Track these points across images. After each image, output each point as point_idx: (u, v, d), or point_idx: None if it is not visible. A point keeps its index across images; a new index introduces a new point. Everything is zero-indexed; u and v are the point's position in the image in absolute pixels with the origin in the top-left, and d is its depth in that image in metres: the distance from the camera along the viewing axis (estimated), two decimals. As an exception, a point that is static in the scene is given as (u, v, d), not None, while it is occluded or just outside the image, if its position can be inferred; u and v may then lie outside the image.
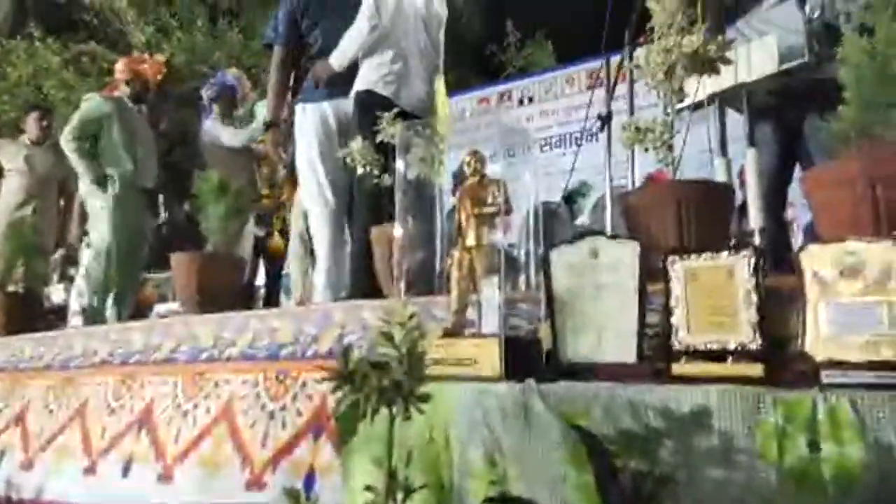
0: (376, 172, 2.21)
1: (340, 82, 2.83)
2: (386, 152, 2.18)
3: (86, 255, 4.24)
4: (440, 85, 3.06)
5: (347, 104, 2.83)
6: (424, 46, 2.89)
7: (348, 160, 2.26)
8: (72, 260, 5.06)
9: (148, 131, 4.10)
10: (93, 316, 3.76)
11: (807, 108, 2.65)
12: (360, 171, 2.20)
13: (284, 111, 3.13)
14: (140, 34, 10.21)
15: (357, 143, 2.22)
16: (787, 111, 2.69)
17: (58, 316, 4.40)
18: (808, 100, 2.60)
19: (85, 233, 4.29)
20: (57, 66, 9.73)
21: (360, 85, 2.75)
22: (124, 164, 3.79)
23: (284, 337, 2.25)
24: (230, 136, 4.12)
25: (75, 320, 4.10)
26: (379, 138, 2.22)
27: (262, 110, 4.36)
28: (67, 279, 4.95)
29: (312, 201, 2.85)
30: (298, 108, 2.94)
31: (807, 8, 2.13)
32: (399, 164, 1.81)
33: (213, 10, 11.56)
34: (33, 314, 3.28)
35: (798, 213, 3.98)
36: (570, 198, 4.46)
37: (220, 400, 2.06)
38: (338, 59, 2.79)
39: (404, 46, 2.77)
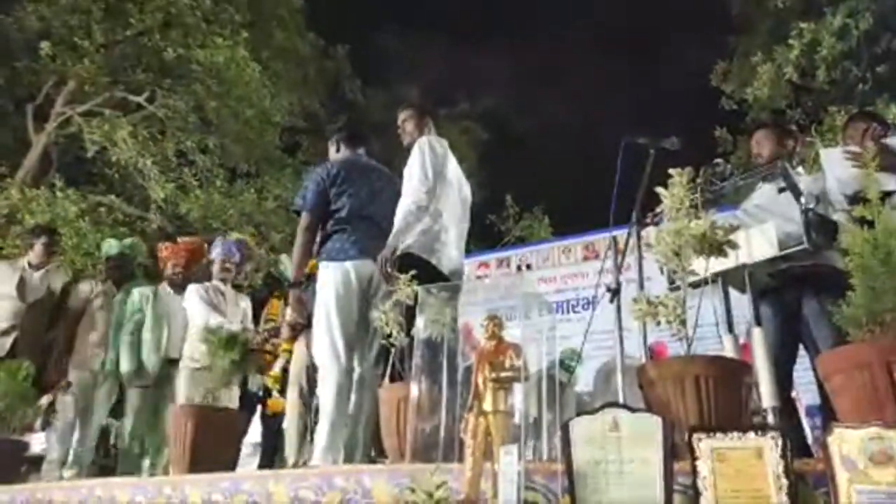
0: (395, 333, 2.23)
1: (370, 245, 2.96)
2: (403, 313, 2.22)
3: (63, 403, 4.13)
4: None
5: (370, 265, 2.92)
6: (459, 219, 3.11)
7: (377, 322, 2.29)
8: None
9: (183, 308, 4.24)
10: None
11: (803, 290, 2.75)
12: (387, 331, 2.22)
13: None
14: (160, 190, 10.73)
15: (388, 305, 2.27)
16: (786, 293, 2.79)
17: (34, 466, 4.17)
18: (805, 284, 2.71)
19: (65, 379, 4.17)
20: (73, 215, 10.09)
21: (401, 248, 2.81)
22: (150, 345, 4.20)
23: (280, 502, 2.13)
24: (199, 310, 4.11)
25: (49, 472, 3.90)
26: (394, 297, 2.27)
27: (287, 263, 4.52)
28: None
29: (324, 356, 2.83)
30: (322, 265, 3.02)
31: (802, 199, 2.30)
32: (418, 324, 1.83)
33: (232, 172, 12.31)
34: (14, 463, 3.12)
35: (799, 394, 3.95)
36: (563, 364, 4.42)
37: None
38: (400, 238, 2.83)
39: (445, 217, 2.97)
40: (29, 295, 4.24)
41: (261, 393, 4.04)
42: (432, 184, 2.92)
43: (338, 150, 3.42)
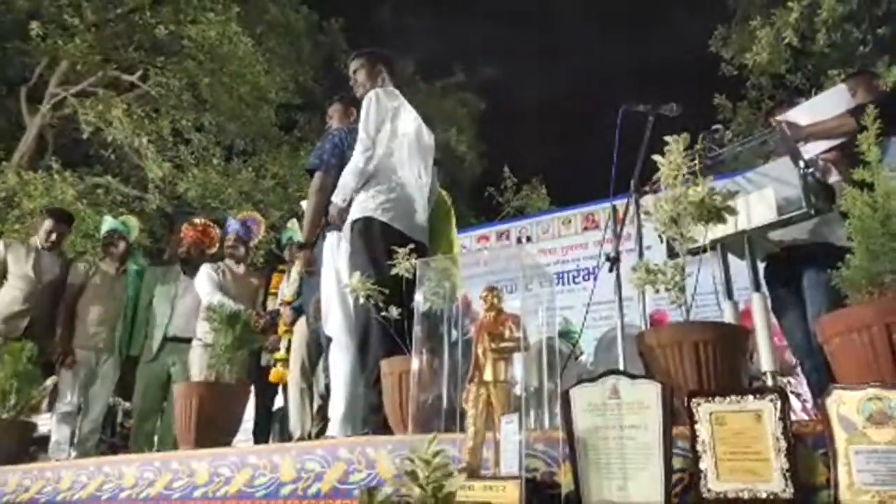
0: (380, 304, 2.23)
1: None
2: (401, 286, 2.21)
3: (65, 382, 4.16)
4: (451, 221, 3.19)
5: None
6: (419, 175, 3.00)
7: (348, 292, 2.28)
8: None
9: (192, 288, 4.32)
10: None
11: (803, 267, 2.73)
12: (361, 301, 2.22)
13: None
14: (157, 170, 10.66)
15: (356, 277, 2.27)
16: (788, 266, 2.77)
17: (40, 447, 4.22)
18: (804, 261, 2.69)
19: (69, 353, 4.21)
20: (72, 197, 10.04)
21: (356, 213, 2.78)
22: (154, 323, 4.37)
23: (286, 475, 2.16)
24: (205, 290, 4.17)
25: (58, 452, 3.95)
26: (394, 271, 2.26)
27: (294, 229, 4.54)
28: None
29: (339, 328, 2.79)
30: (333, 235, 2.95)
31: (801, 163, 2.28)
32: (417, 297, 1.83)
33: (229, 151, 12.24)
34: (22, 444, 3.15)
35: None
36: (567, 334, 4.43)
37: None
38: (340, 196, 2.85)
39: (401, 175, 2.88)
40: (44, 275, 4.25)
41: (273, 364, 4.07)
42: (371, 143, 2.83)
43: (346, 116, 3.37)
